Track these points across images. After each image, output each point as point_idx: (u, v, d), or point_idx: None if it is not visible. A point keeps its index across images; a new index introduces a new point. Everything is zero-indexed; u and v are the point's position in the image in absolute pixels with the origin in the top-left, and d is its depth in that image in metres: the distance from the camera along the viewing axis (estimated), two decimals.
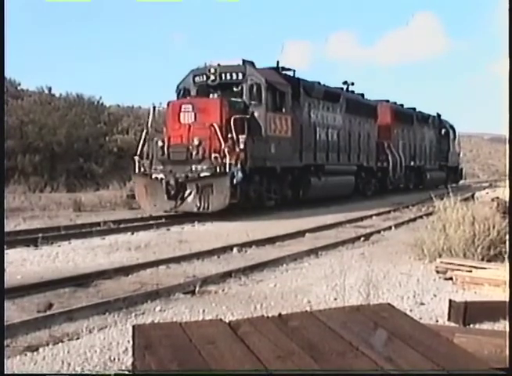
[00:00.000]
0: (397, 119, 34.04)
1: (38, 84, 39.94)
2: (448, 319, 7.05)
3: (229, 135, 19.72)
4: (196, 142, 19.59)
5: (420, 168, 37.32)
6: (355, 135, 28.71)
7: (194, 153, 19.66)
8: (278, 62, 23.93)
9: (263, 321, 4.07)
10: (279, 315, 4.20)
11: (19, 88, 38.77)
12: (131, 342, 4.27)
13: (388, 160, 32.15)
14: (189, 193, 19.55)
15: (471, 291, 8.70)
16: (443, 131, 41.55)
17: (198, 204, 19.37)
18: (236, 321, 4.12)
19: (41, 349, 6.18)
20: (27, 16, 74.88)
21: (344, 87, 29.82)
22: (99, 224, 16.44)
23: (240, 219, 19.06)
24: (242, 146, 19.95)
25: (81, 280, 9.42)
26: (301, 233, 15.40)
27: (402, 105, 36.27)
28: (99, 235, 14.80)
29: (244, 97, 21.35)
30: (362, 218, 19.53)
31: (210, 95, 21.35)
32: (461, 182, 45.02)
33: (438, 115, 41.53)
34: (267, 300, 8.27)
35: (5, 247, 11.61)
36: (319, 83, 26.62)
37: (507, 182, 10.93)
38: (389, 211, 21.97)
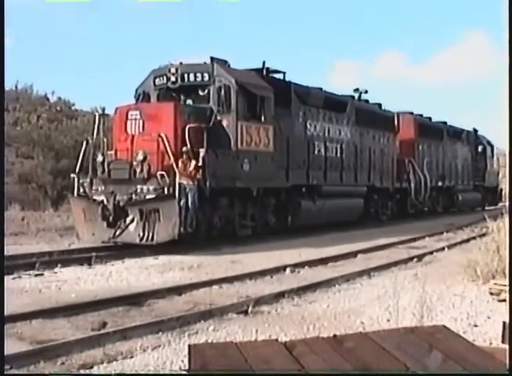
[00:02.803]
0: (422, 133, 29.21)
1: (92, 105, 38.40)
2: (503, 341, 6.18)
3: (184, 149, 15.36)
4: (140, 157, 15.36)
5: (451, 188, 32.17)
6: (366, 151, 24.00)
7: (138, 171, 15.36)
8: (264, 62, 19.56)
9: (318, 342, 4.10)
10: (334, 336, 4.25)
11: (73, 108, 37.93)
12: (184, 361, 5.27)
13: (410, 179, 27.19)
14: (132, 220, 15.23)
15: None
16: (480, 147, 36.29)
17: (141, 234, 15.05)
18: (291, 342, 4.17)
19: (95, 367, 6.11)
20: (80, 36, 72.58)
21: (356, 95, 25.01)
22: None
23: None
24: (200, 161, 15.56)
25: (134, 299, 9.28)
26: (352, 254, 15.06)
27: (429, 118, 31.33)
28: (152, 255, 14.32)
29: (211, 102, 16.98)
30: (415, 239, 18.70)
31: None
32: (501, 204, 39.43)
33: (475, 130, 36.35)
34: (320, 321, 8.12)
35: (59, 265, 12.71)
36: (320, 89, 22.03)
37: (507, 182, 11.18)
38: (441, 232, 20.83)
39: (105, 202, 15.45)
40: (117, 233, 15.43)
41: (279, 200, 19.04)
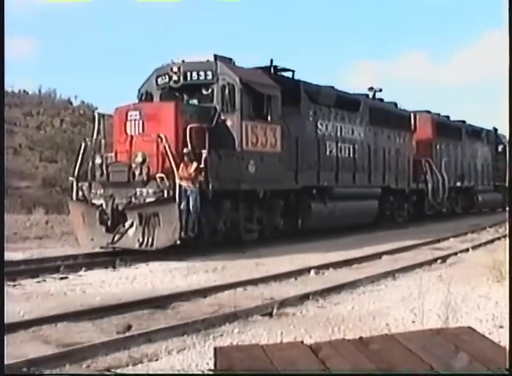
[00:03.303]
0: (440, 133, 28.12)
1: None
2: None
3: (185, 150, 14.55)
4: (139, 159, 14.58)
5: (470, 189, 31.00)
6: (381, 152, 23.02)
7: (137, 173, 14.57)
8: (271, 60, 18.71)
9: (344, 344, 4.06)
10: (360, 338, 4.19)
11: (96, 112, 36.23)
12: (210, 364, 5.19)
13: (427, 180, 26.11)
14: (131, 225, 14.44)
15: None
16: (500, 147, 35.01)
17: (140, 239, 14.27)
18: (316, 344, 4.10)
19: (119, 370, 6.08)
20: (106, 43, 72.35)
21: (370, 94, 24.02)
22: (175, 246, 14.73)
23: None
24: (202, 163, 14.75)
25: (159, 302, 9.19)
26: (377, 256, 14.86)
27: (447, 117, 30.19)
28: (176, 257, 13.93)
29: (215, 101, 16.14)
30: (438, 240, 18.32)
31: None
32: None
33: (495, 129, 35.09)
34: (345, 322, 8.01)
35: (83, 268, 12.68)
36: (332, 87, 21.09)
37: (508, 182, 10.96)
38: (466, 233, 20.50)
39: (104, 206, 14.67)
40: (116, 238, 14.68)
41: (289, 203, 18.14)
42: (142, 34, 69.78)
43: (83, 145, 15.59)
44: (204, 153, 14.99)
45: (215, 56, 16.43)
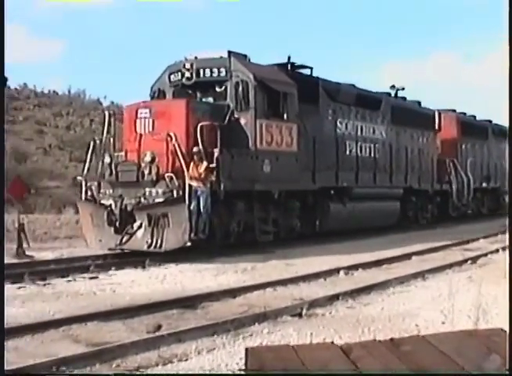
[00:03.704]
0: (465, 132, 27.12)
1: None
2: None
3: (195, 149, 13.90)
4: (148, 158, 13.96)
5: (497, 190, 29.91)
6: (403, 151, 22.16)
7: (146, 173, 13.96)
8: (289, 57, 17.94)
9: (375, 345, 4.01)
10: (391, 339, 4.12)
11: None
12: (240, 364, 5.33)
13: (451, 181, 25.14)
14: (139, 226, 13.84)
15: None
16: None
17: (149, 241, 13.66)
18: (347, 344, 4.05)
19: (149, 370, 6.05)
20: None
21: (392, 92, 23.14)
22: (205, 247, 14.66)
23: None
24: (214, 162, 14.09)
25: (189, 302, 9.14)
26: (407, 256, 14.70)
27: (473, 116, 29.14)
28: (206, 258, 13.72)
29: (228, 99, 15.46)
30: (468, 241, 18.05)
31: None
32: None
33: None
34: (374, 323, 7.90)
35: (113, 268, 12.57)
36: (353, 86, 20.29)
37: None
38: (496, 234, 19.87)
39: (112, 206, 14.09)
40: (124, 239, 14.09)
41: (306, 204, 17.40)
42: (170, 33, 69.42)
43: (92, 144, 15.01)
44: (216, 152, 14.32)
45: (229, 52, 15.78)
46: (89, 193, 14.86)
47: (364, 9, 76.50)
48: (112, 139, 15.16)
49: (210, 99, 16.13)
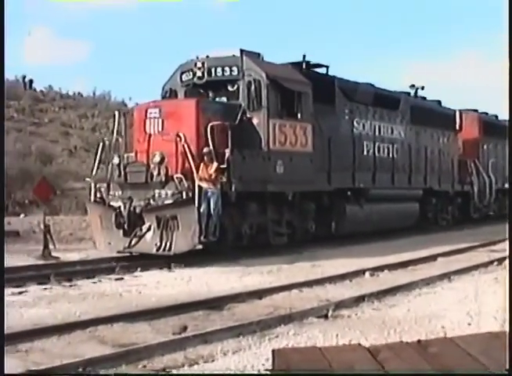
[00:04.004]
0: (487, 132, 26.38)
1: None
2: None
3: (204, 150, 13.44)
4: (157, 159, 13.52)
5: None
6: (422, 151, 21.52)
7: (155, 174, 13.52)
8: (304, 56, 17.43)
9: (402, 347, 3.98)
10: (418, 341, 4.12)
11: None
12: (265, 365, 5.27)
13: (472, 182, 24.40)
14: (148, 228, 13.40)
15: None
16: None
17: (158, 243, 13.22)
18: (375, 346, 4.08)
19: (174, 371, 6.03)
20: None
21: (412, 91, 22.48)
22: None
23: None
24: (225, 163, 13.63)
25: (214, 303, 9.04)
26: (432, 257, 14.52)
27: (495, 116, 28.35)
28: (231, 259, 13.57)
29: (240, 99, 14.97)
30: (494, 242, 17.56)
31: None
32: None
33: None
34: (400, 325, 7.82)
35: (139, 269, 12.39)
36: (372, 85, 19.70)
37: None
38: None
39: (122, 208, 13.67)
40: (133, 242, 13.65)
41: (321, 206, 16.84)
42: (194, 34, 69.10)
43: (101, 144, 14.60)
44: (227, 152, 13.83)
45: (241, 51, 15.29)
46: (98, 194, 14.46)
47: (384, 8, 75.46)
48: (120, 140, 14.70)
49: (224, 99, 15.67)
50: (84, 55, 76.23)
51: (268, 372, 5.21)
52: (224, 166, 13.74)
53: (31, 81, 45.27)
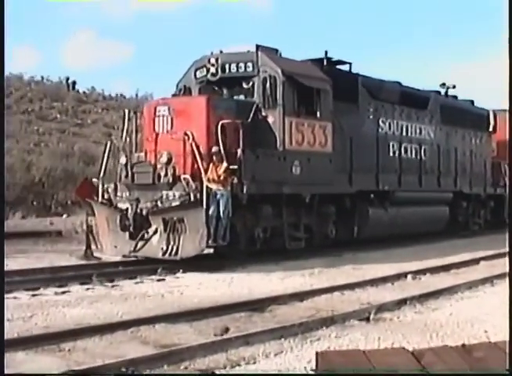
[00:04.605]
0: None
1: None
2: None
3: (213, 149, 12.54)
4: (164, 159, 12.64)
5: None
6: (452, 153, 20.29)
7: (162, 175, 12.65)
8: (326, 52, 16.37)
9: (446, 351, 3.93)
10: (463, 345, 4.07)
11: None
12: (307, 367, 5.35)
13: (506, 184, 22.99)
14: (155, 231, 12.55)
15: None
16: None
17: (164, 247, 12.35)
18: (419, 350, 4.00)
19: (217, 372, 5.99)
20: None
21: (442, 90, 21.24)
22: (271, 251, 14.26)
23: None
24: (236, 163, 12.72)
25: (256, 305, 8.95)
26: (475, 261, 14.34)
27: None
28: (273, 261, 13.42)
29: (255, 96, 14.02)
30: None
31: None
32: None
33: None
34: (443, 329, 7.71)
35: (181, 270, 12.04)
36: (399, 83, 18.57)
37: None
38: None
39: (129, 210, 12.85)
40: (139, 245, 12.81)
41: (342, 209, 15.76)
42: (236, 35, 68.28)
43: (108, 144, 13.78)
44: (239, 152, 12.89)
45: (257, 46, 14.32)
46: (106, 195, 13.64)
47: (415, 8, 73.59)
48: (128, 139, 13.85)
49: (241, 97, 14.74)
50: (126, 56, 76.20)
51: (312, 372, 5.21)
52: (235, 167, 12.80)
53: (74, 83, 45.26)
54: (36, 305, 8.92)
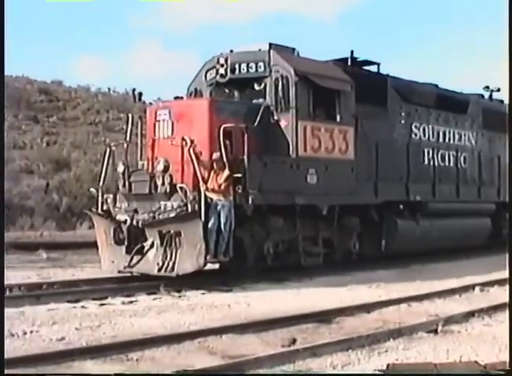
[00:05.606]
0: None
1: None
2: None
3: (214, 156, 11.13)
4: (160, 167, 11.27)
5: None
6: (496, 161, 18.33)
7: (159, 184, 11.29)
8: (352, 51, 14.75)
9: None
10: None
11: None
12: None
13: None
14: (151, 245, 11.20)
15: None
16: None
17: (160, 263, 10.99)
18: (491, 364, 4.09)
19: None
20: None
21: (486, 94, 19.28)
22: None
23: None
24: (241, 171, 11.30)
25: (323, 316, 8.81)
26: None
27: None
28: (341, 272, 13.11)
29: (267, 98, 12.54)
30: None
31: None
32: None
33: None
34: None
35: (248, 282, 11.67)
36: (435, 85, 16.79)
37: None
38: None
39: (122, 223, 11.55)
40: (134, 260, 11.48)
41: (367, 221, 14.10)
42: (304, 45, 66.73)
43: (107, 151, 12.51)
44: (245, 159, 11.46)
45: (270, 45, 12.85)
46: (105, 206, 12.38)
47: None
48: (125, 145, 12.56)
49: (254, 99, 13.28)
50: (191, 66, 75.55)
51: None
52: (239, 175, 11.33)
53: (140, 94, 44.65)
54: (104, 314, 8.80)
